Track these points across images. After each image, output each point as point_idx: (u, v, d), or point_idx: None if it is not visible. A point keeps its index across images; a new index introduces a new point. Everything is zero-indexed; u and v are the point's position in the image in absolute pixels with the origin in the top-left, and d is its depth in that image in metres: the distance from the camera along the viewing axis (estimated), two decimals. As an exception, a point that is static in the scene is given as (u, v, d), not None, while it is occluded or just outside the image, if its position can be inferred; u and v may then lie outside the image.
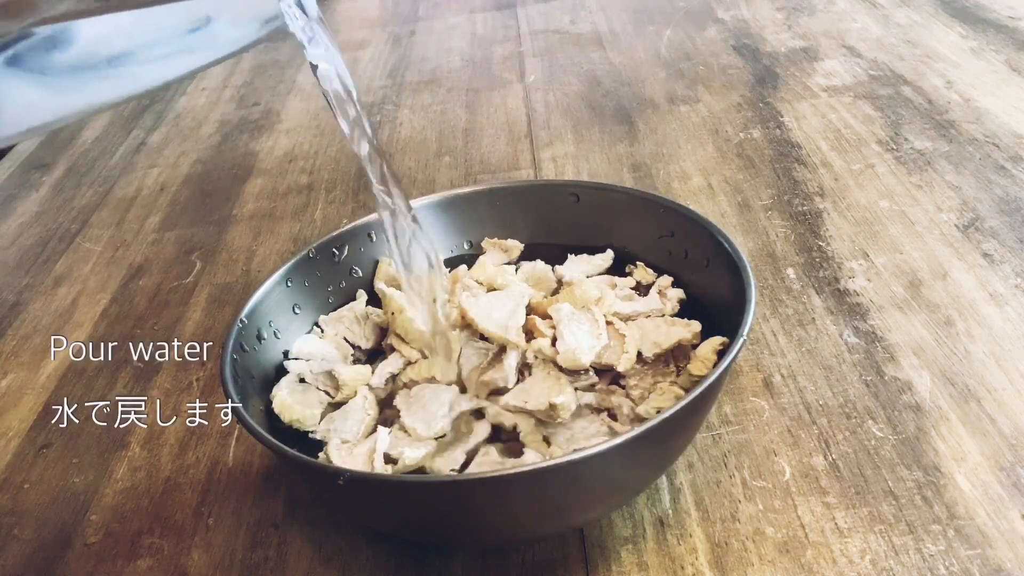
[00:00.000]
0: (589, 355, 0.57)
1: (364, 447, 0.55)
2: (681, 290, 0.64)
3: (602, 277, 0.67)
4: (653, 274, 0.66)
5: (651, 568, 0.54)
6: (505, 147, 1.06)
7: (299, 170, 1.08)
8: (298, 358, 0.63)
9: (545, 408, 0.54)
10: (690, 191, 0.90)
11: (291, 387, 0.61)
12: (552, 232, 0.71)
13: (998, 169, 0.86)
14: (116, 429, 0.71)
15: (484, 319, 0.59)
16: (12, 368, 0.81)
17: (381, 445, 0.54)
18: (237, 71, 1.44)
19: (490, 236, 0.72)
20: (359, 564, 0.57)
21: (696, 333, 0.59)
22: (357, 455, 0.54)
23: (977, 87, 1.01)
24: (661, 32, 1.32)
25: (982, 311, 0.69)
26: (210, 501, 0.64)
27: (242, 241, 0.95)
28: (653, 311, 0.62)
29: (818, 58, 1.15)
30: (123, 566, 0.60)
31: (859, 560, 0.52)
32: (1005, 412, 0.60)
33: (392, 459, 0.53)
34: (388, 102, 1.24)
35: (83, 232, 1.03)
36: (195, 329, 0.82)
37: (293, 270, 0.67)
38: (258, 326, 0.63)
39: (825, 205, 0.85)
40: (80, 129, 1.31)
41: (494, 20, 1.50)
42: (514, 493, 0.49)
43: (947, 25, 1.19)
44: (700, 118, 1.05)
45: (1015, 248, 0.75)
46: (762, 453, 0.60)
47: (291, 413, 0.58)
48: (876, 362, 0.66)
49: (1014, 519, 0.53)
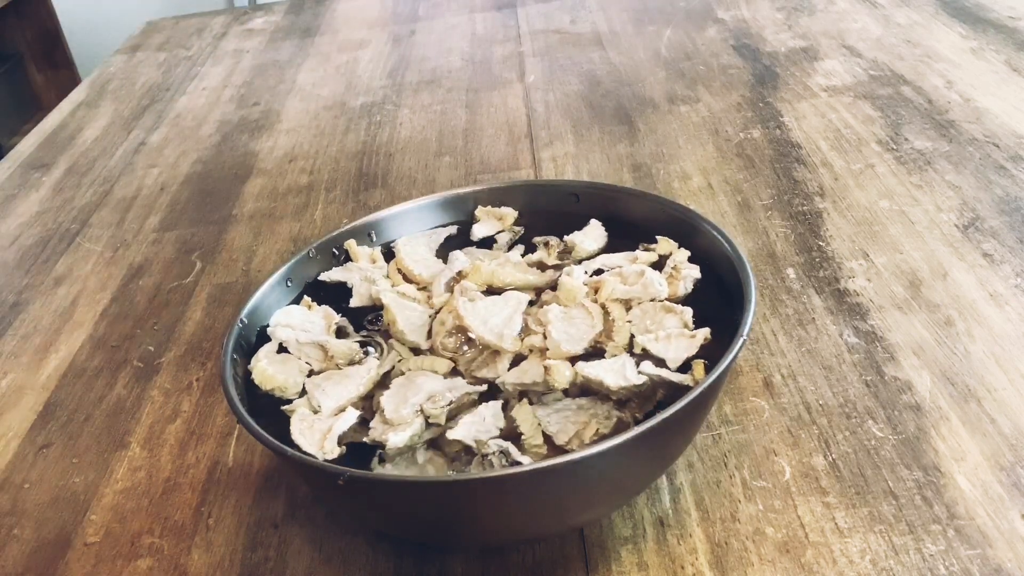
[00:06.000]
0: (579, 345, 0.57)
1: (325, 424, 0.55)
2: (697, 267, 0.63)
3: (624, 253, 0.66)
4: (674, 244, 0.65)
5: (651, 568, 0.54)
6: (505, 147, 1.06)
7: (299, 170, 1.08)
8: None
9: (542, 381, 0.55)
10: (690, 191, 0.90)
11: (270, 356, 0.61)
12: (552, 232, 0.71)
13: (998, 169, 0.86)
14: (116, 429, 0.72)
15: (480, 326, 0.59)
16: (12, 368, 0.81)
17: (340, 426, 0.54)
18: (237, 71, 1.44)
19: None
20: (359, 564, 0.57)
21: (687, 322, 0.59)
22: (316, 430, 0.54)
23: (977, 87, 1.01)
24: (661, 32, 1.32)
25: (982, 311, 0.69)
26: (210, 501, 0.64)
27: (242, 241, 0.95)
28: (653, 296, 0.61)
29: (818, 58, 1.15)
30: (123, 566, 0.60)
31: (859, 560, 0.52)
32: (1005, 412, 0.60)
33: (353, 442, 0.54)
34: (388, 102, 1.24)
35: (83, 232, 1.03)
36: (195, 329, 0.82)
37: (293, 270, 0.67)
38: (258, 326, 0.63)
39: (825, 205, 0.85)
40: (80, 129, 1.32)
41: (494, 20, 1.50)
42: (514, 493, 0.49)
43: (947, 25, 1.19)
44: (700, 118, 1.05)
45: (1015, 248, 0.75)
46: (762, 453, 0.60)
47: (272, 382, 0.59)
48: (876, 362, 0.66)
49: (1014, 519, 0.53)
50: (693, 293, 0.62)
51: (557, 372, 0.55)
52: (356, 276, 0.68)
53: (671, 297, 0.61)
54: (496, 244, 0.71)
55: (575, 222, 0.70)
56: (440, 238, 0.72)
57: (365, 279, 0.67)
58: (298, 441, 0.54)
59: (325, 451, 0.53)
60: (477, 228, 0.72)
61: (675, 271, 0.62)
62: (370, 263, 0.69)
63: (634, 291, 0.61)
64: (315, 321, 0.64)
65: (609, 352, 0.58)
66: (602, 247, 0.68)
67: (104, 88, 1.47)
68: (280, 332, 0.62)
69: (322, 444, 0.53)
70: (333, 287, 0.68)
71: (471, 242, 0.71)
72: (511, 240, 0.71)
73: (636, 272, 0.62)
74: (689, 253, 0.64)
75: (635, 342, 0.58)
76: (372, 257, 0.70)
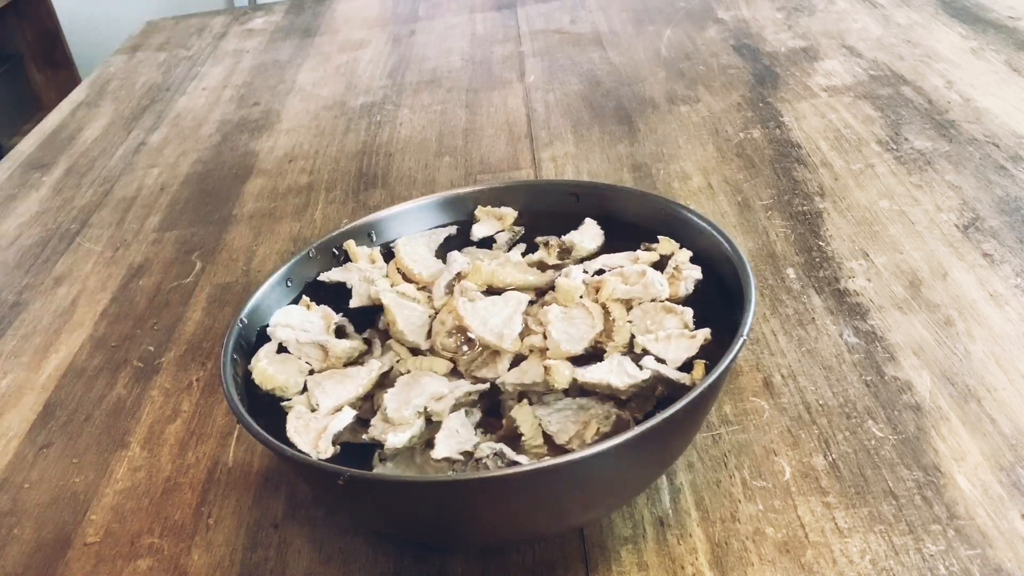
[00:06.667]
0: (579, 345, 0.57)
1: (321, 423, 0.55)
2: (699, 268, 0.63)
3: (625, 253, 0.66)
4: (676, 244, 0.65)
5: (651, 568, 0.54)
6: (505, 147, 1.06)
7: (299, 170, 1.08)
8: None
9: (542, 381, 0.55)
10: (690, 191, 0.90)
11: (270, 356, 0.61)
12: (552, 232, 0.71)
13: (998, 169, 0.86)
14: (116, 429, 0.72)
15: (480, 326, 0.59)
16: (12, 368, 0.81)
17: (335, 425, 0.54)
18: (237, 71, 1.44)
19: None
20: (359, 564, 0.57)
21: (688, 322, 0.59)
22: (312, 429, 0.54)
23: (977, 87, 1.01)
24: (661, 32, 1.32)
25: (982, 311, 0.69)
26: (210, 501, 0.64)
27: (242, 241, 0.95)
28: (654, 296, 0.61)
29: (818, 58, 1.15)
30: (123, 566, 0.60)
31: (859, 560, 0.52)
32: (1005, 412, 0.60)
33: (350, 443, 0.54)
34: (388, 102, 1.24)
35: (83, 232, 1.03)
36: (195, 329, 0.82)
37: (293, 270, 0.67)
38: (258, 326, 0.63)
39: (825, 205, 0.85)
40: (80, 129, 1.32)
41: (494, 20, 1.50)
42: (514, 493, 0.49)
43: (947, 25, 1.19)
44: (700, 118, 1.05)
45: (1015, 248, 0.75)
46: (762, 453, 0.60)
47: (273, 382, 0.59)
48: (876, 362, 0.66)
49: (1014, 519, 0.53)
50: (693, 293, 0.62)
51: (557, 372, 0.55)
52: (355, 276, 0.68)
53: (672, 297, 0.61)
54: (496, 244, 0.71)
55: (575, 222, 0.70)
56: (440, 238, 0.72)
57: (364, 279, 0.67)
58: (293, 439, 0.54)
59: (319, 450, 0.53)
60: (477, 228, 0.72)
61: (676, 271, 0.62)
62: (369, 263, 0.69)
63: (635, 291, 0.61)
64: (314, 321, 0.64)
65: (609, 352, 0.57)
66: (600, 245, 0.68)
67: (104, 88, 1.47)
68: (280, 332, 0.62)
69: (316, 443, 0.53)
70: (333, 287, 0.68)
71: (471, 242, 0.71)
72: (511, 240, 0.71)
73: (637, 272, 0.62)
74: (691, 253, 0.64)
75: (635, 342, 0.58)
76: (371, 257, 0.70)
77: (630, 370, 0.55)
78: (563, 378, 0.55)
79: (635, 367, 0.55)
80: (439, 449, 0.52)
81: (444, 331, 0.61)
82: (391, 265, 0.69)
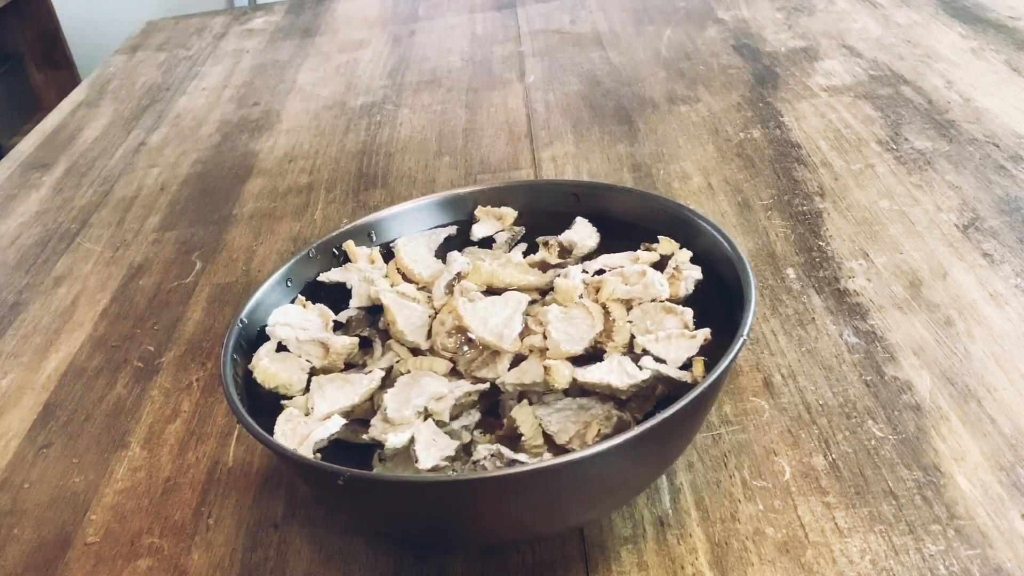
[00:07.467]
0: (579, 345, 0.57)
1: (308, 428, 0.55)
2: (699, 268, 0.63)
3: (626, 253, 0.66)
4: (676, 245, 0.65)
5: (651, 568, 0.54)
6: (505, 147, 1.06)
7: (299, 170, 1.09)
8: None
9: (542, 381, 0.55)
10: (690, 191, 0.90)
11: (271, 355, 0.61)
12: (552, 232, 0.71)
13: (998, 169, 0.86)
14: (116, 429, 0.72)
15: (480, 327, 0.59)
16: (12, 368, 0.81)
17: (319, 433, 0.54)
18: (237, 71, 1.44)
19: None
20: (359, 564, 0.57)
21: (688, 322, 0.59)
22: (298, 433, 0.54)
23: (977, 87, 1.02)
24: (661, 32, 1.32)
25: (982, 311, 0.69)
26: (210, 501, 0.64)
27: (242, 241, 0.95)
28: (654, 296, 0.61)
29: (818, 58, 1.15)
30: (123, 566, 0.60)
31: (859, 560, 0.52)
32: (1005, 412, 0.60)
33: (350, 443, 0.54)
34: (388, 102, 1.24)
35: (83, 232, 1.03)
36: (195, 329, 0.82)
37: (293, 270, 0.67)
38: (258, 326, 0.63)
39: (825, 205, 0.85)
40: (80, 129, 1.32)
41: (494, 20, 1.50)
42: (514, 493, 0.49)
43: (947, 25, 1.19)
44: (700, 118, 1.05)
45: (1015, 248, 0.75)
46: (762, 453, 0.60)
47: (275, 380, 0.59)
48: (876, 362, 0.66)
49: (1014, 519, 0.53)
50: (693, 293, 0.62)
51: (557, 372, 0.55)
52: (355, 277, 0.68)
53: (672, 298, 0.61)
54: (496, 244, 0.71)
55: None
56: (440, 238, 0.72)
57: (364, 279, 0.67)
58: (279, 440, 0.54)
59: (299, 451, 0.53)
60: (477, 228, 0.72)
61: (676, 271, 0.62)
62: (369, 263, 0.69)
63: (635, 291, 0.61)
64: (312, 319, 0.64)
65: (609, 352, 0.57)
66: (597, 243, 0.68)
67: (104, 88, 1.47)
68: (279, 331, 0.62)
69: (298, 448, 0.53)
70: (332, 288, 0.68)
71: (471, 242, 0.71)
72: (511, 240, 0.71)
73: (637, 272, 0.62)
74: (691, 254, 0.64)
75: (635, 342, 0.58)
76: (371, 257, 0.70)
77: (630, 370, 0.55)
78: (563, 378, 0.55)
79: (635, 367, 0.55)
80: (423, 461, 0.52)
81: (444, 331, 0.61)
82: (391, 265, 0.69)
